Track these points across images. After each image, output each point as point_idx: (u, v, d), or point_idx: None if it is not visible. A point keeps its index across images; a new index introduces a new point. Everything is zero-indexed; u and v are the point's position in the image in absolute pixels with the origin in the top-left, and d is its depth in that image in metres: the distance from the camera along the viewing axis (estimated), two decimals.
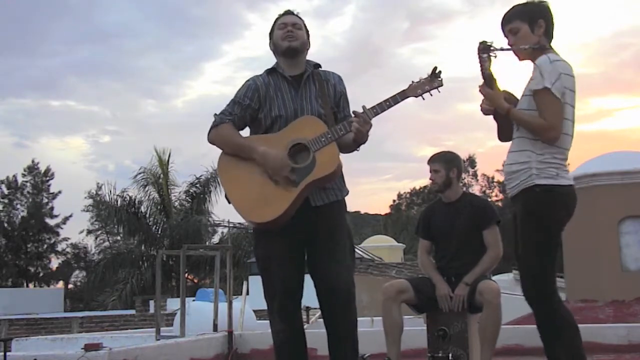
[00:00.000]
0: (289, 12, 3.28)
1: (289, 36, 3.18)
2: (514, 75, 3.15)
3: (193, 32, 62.99)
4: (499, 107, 3.06)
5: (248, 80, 3.25)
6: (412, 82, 3.06)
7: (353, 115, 3.06)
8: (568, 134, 3.02)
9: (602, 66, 59.78)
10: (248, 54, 62.48)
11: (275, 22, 3.28)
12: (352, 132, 3.01)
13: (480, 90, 3.10)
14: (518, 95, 3.13)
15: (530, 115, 3.00)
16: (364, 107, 3.03)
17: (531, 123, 2.98)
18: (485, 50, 3.01)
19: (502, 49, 3.04)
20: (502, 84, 3.10)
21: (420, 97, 3.06)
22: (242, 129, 3.24)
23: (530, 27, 3.05)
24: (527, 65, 3.10)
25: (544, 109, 2.95)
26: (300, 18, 3.27)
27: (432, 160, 4.26)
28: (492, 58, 3.03)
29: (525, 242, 3.03)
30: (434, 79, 3.06)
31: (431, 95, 3.07)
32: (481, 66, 3.03)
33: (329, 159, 3.02)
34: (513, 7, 3.14)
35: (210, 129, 3.20)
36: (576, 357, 2.97)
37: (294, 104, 3.15)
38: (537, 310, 3.02)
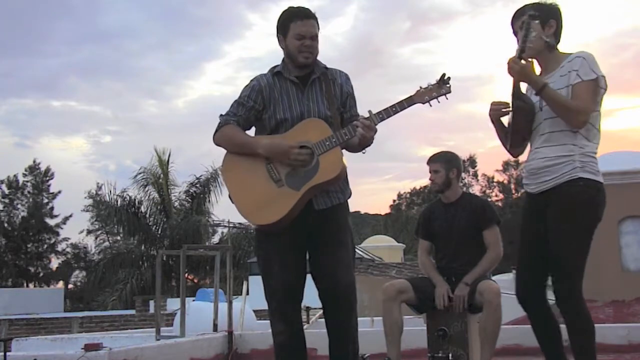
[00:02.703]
0: (308, 16, 3.09)
1: (306, 52, 3.09)
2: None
3: (194, 33, 63.10)
4: (534, 82, 2.98)
5: (252, 80, 3.20)
6: (420, 87, 3.02)
7: (359, 118, 3.04)
8: (598, 128, 3.04)
9: (602, 66, 59.37)
10: (249, 54, 62.65)
11: (292, 20, 3.08)
12: (357, 137, 2.99)
13: (510, 64, 2.97)
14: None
15: (564, 96, 2.96)
16: (370, 112, 3.01)
17: (566, 103, 2.94)
18: (533, 18, 2.93)
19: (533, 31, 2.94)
20: (504, 84, 3.08)
21: (427, 104, 3.01)
22: (248, 129, 3.22)
23: (541, 25, 3.04)
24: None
25: (584, 95, 2.93)
26: (317, 21, 3.12)
27: (432, 160, 4.26)
28: (533, 34, 2.92)
29: (562, 237, 2.97)
30: (442, 86, 3.01)
31: (438, 102, 3.02)
32: (525, 35, 2.92)
33: (332, 163, 3.00)
34: (526, 5, 3.13)
35: (215, 132, 3.19)
36: (590, 358, 2.96)
37: (300, 106, 3.12)
38: (564, 307, 2.96)
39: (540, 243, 3.07)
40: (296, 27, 3.09)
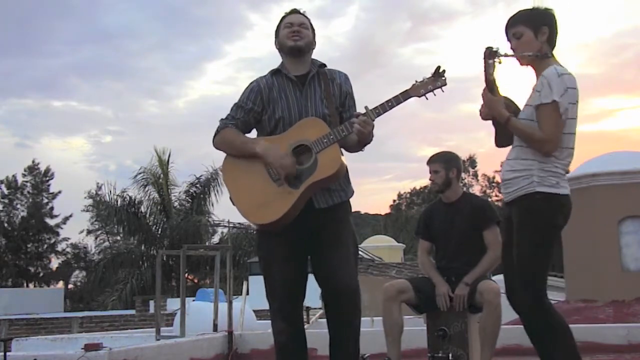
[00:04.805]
0: (295, 11, 3.27)
1: (294, 35, 3.17)
2: (516, 79, 3.12)
3: (195, 33, 63.00)
4: (499, 115, 3.04)
5: (252, 82, 3.24)
6: (416, 81, 3.03)
7: (356, 114, 3.06)
8: (569, 147, 3.04)
9: (603, 66, 59.74)
10: (250, 55, 62.60)
11: (281, 20, 3.26)
12: (354, 133, 3.00)
13: (482, 95, 3.08)
14: (519, 101, 3.13)
15: (529, 127, 2.99)
16: (366, 107, 3.02)
17: (531, 135, 2.98)
18: (491, 55, 2.97)
19: (506, 55, 3.01)
20: (504, 88, 3.09)
21: (423, 97, 3.02)
22: (248, 132, 3.24)
23: (534, 33, 3.04)
24: (528, 71, 3.11)
25: (546, 122, 2.95)
26: (306, 17, 3.26)
27: (432, 160, 4.26)
28: (497, 64, 3.00)
29: (520, 247, 3.02)
30: (437, 79, 3.02)
31: (434, 94, 3.04)
32: (485, 71, 2.99)
33: (330, 160, 3.00)
34: (519, 11, 3.13)
35: (214, 135, 3.21)
36: (572, 357, 2.97)
37: (298, 105, 3.14)
38: (530, 315, 3.01)
39: None
40: (285, 20, 3.25)
